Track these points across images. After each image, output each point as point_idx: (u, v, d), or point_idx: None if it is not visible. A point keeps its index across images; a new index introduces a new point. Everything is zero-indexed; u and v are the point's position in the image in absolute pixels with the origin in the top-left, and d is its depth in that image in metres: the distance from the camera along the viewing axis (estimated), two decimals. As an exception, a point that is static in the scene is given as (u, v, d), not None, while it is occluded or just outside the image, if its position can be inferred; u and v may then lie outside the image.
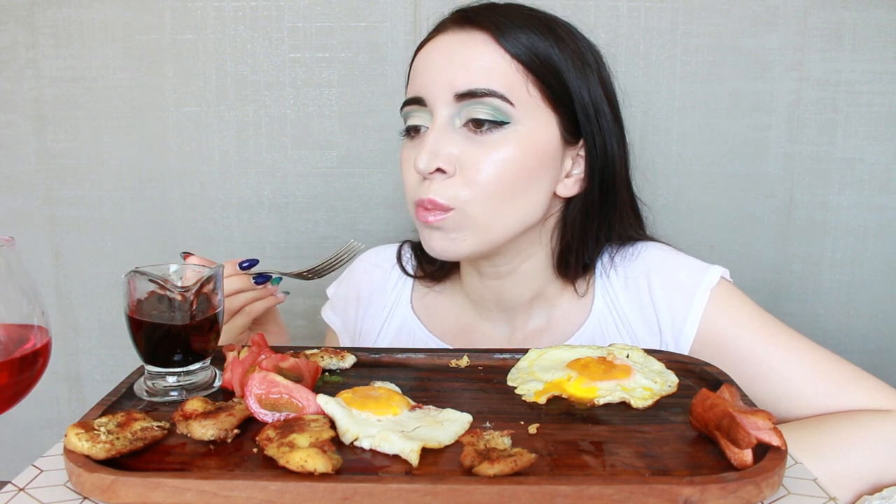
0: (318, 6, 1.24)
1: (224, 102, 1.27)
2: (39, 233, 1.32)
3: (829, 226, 1.29)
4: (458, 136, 0.79)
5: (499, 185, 0.79)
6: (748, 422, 0.52)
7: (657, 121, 1.26)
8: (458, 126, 0.80)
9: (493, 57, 0.79)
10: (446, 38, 0.82)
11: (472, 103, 0.78)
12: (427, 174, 0.79)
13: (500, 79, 0.79)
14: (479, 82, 0.78)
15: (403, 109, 0.85)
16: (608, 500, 0.48)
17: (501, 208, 0.80)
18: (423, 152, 0.79)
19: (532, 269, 0.88)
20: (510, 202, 0.80)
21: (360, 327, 0.99)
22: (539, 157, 0.80)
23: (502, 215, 0.80)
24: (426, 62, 0.83)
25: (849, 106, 1.24)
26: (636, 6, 1.22)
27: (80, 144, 1.29)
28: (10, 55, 1.26)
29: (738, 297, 0.86)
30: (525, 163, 0.80)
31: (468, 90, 0.78)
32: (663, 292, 0.86)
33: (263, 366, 0.62)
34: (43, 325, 0.60)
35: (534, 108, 0.80)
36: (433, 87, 0.80)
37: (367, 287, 1.00)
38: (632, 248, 0.90)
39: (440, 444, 0.55)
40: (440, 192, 0.79)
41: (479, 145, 0.79)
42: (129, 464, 0.53)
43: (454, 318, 0.95)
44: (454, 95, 0.79)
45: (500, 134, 0.79)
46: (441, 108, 0.80)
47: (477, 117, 0.78)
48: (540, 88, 0.80)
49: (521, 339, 0.91)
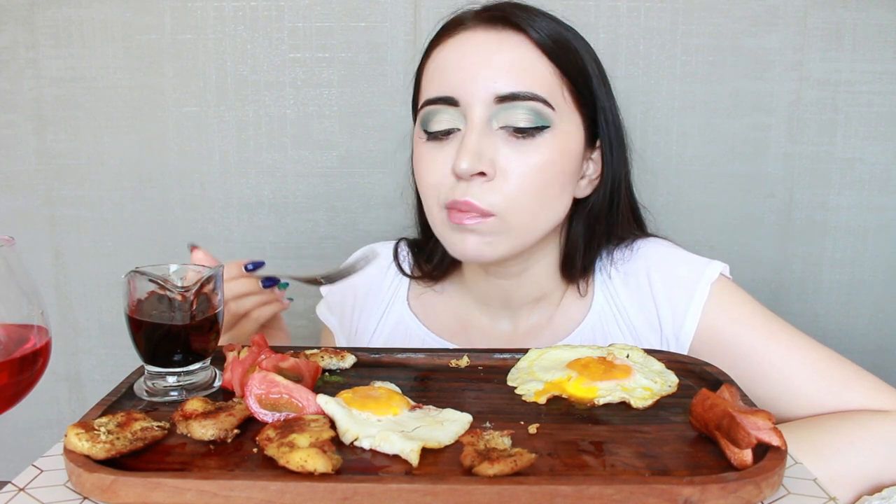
0: (318, 6, 1.24)
1: (224, 102, 1.27)
2: (39, 233, 1.32)
3: (829, 226, 1.29)
4: (496, 138, 0.78)
5: (537, 190, 0.79)
6: (748, 422, 0.52)
7: (657, 121, 1.26)
8: (495, 128, 0.78)
9: (531, 58, 0.79)
10: (476, 36, 0.80)
11: (512, 106, 0.77)
12: (467, 176, 0.77)
13: (540, 82, 0.78)
14: (522, 85, 0.77)
15: (426, 108, 0.82)
16: (608, 500, 0.48)
17: (538, 212, 0.80)
18: (466, 154, 0.76)
19: (540, 270, 0.89)
20: (546, 206, 0.80)
21: (356, 325, 0.98)
22: (570, 160, 0.81)
23: (538, 219, 0.81)
24: (457, 61, 0.80)
25: (849, 106, 1.24)
26: (636, 6, 1.22)
27: (80, 144, 1.29)
28: (10, 55, 1.26)
29: (739, 293, 0.86)
30: (562, 167, 0.80)
31: (511, 93, 0.77)
32: (664, 288, 0.87)
33: (263, 366, 0.62)
34: (43, 325, 0.60)
35: (567, 111, 0.80)
36: (469, 87, 0.78)
37: (364, 285, 0.99)
38: (632, 245, 0.90)
39: (440, 444, 0.55)
40: (479, 195, 0.77)
41: (518, 149, 0.78)
42: (129, 464, 0.53)
43: (453, 316, 0.95)
44: (495, 97, 0.77)
45: (540, 138, 0.78)
46: (478, 109, 0.78)
47: (518, 124, 0.77)
48: (571, 92, 0.81)
49: (521, 336, 0.91)
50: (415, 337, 0.94)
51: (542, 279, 0.89)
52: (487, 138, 0.78)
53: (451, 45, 0.81)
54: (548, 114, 0.78)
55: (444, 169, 0.80)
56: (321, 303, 1.03)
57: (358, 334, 0.98)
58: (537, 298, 0.90)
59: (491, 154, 0.78)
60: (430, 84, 0.83)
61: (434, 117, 0.81)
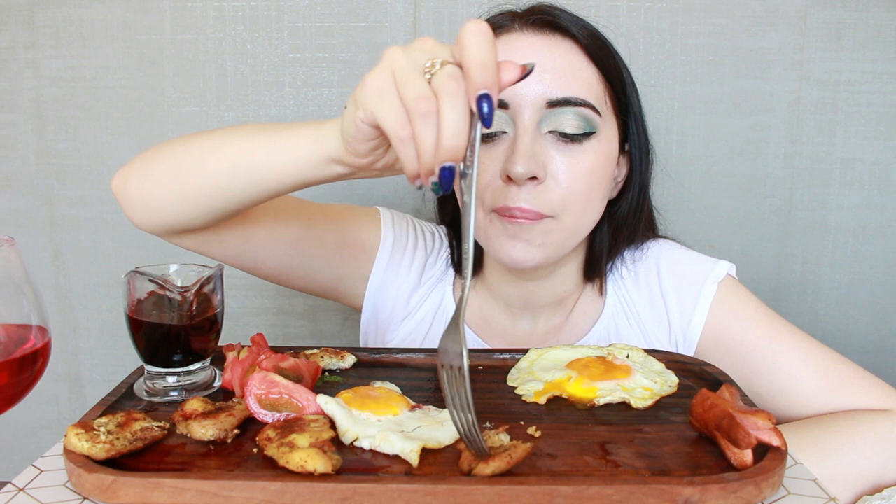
0: (318, 6, 1.24)
1: (224, 102, 1.27)
2: (39, 233, 1.32)
3: (829, 226, 1.29)
4: (546, 142, 0.78)
5: (585, 194, 0.79)
6: (748, 422, 0.52)
7: (657, 121, 1.25)
8: (544, 132, 0.78)
9: (581, 65, 0.80)
10: (525, 39, 0.80)
11: (563, 111, 0.78)
12: (522, 179, 0.76)
13: (588, 88, 0.79)
14: (573, 91, 0.78)
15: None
16: (608, 500, 0.48)
17: (585, 215, 0.81)
18: (521, 157, 0.76)
19: (566, 273, 0.90)
20: (591, 209, 0.82)
21: (400, 277, 0.93)
22: (611, 164, 0.82)
23: (584, 222, 0.82)
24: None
25: (849, 106, 1.24)
26: (636, 6, 1.22)
27: (80, 144, 1.29)
28: (10, 55, 1.26)
29: (745, 293, 0.88)
30: (605, 171, 0.81)
31: (563, 98, 0.77)
32: (673, 286, 0.88)
33: (263, 366, 0.62)
34: (43, 325, 0.60)
35: (609, 117, 0.82)
36: (520, 91, 0.77)
37: (429, 247, 0.96)
38: (642, 245, 0.92)
39: (440, 444, 0.55)
40: (531, 199, 0.77)
41: (568, 154, 0.78)
42: (129, 464, 0.53)
43: (479, 309, 0.95)
44: (546, 102, 0.77)
45: (587, 143, 0.79)
46: (529, 113, 0.78)
47: (566, 130, 0.78)
48: (612, 98, 0.82)
49: (540, 336, 0.92)
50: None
51: (566, 281, 0.90)
52: (539, 142, 0.78)
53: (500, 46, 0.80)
54: (595, 119, 0.79)
55: (492, 171, 0.79)
56: (387, 213, 0.95)
57: (396, 291, 0.93)
58: (559, 300, 0.91)
59: (543, 158, 0.78)
60: None
61: None
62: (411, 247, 0.95)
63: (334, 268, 0.91)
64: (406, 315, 0.95)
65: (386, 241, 0.93)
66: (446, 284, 0.95)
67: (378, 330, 0.96)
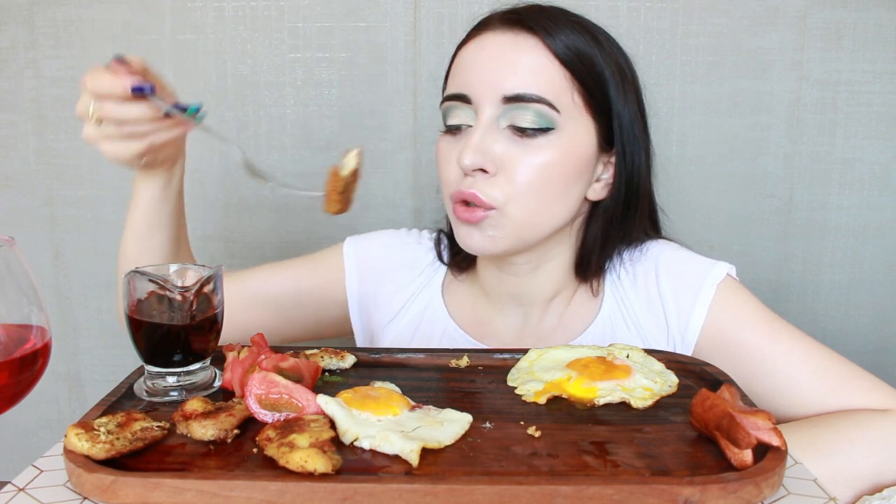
0: (318, 6, 1.24)
1: (224, 102, 1.27)
2: (39, 233, 1.32)
3: (829, 226, 1.29)
4: (501, 136, 0.80)
5: (538, 189, 0.80)
6: (748, 422, 0.52)
7: (657, 121, 1.25)
8: (502, 127, 0.80)
9: (542, 62, 0.80)
10: (494, 38, 0.82)
11: (519, 107, 0.79)
12: (470, 171, 0.80)
13: (547, 85, 0.80)
14: (527, 87, 0.79)
15: (444, 104, 0.85)
16: (608, 500, 0.48)
17: (539, 210, 0.82)
18: (469, 149, 0.79)
19: (553, 270, 0.90)
20: (548, 205, 0.82)
21: (377, 289, 0.98)
22: (578, 162, 0.82)
23: (539, 217, 0.82)
24: (473, 60, 0.83)
25: (849, 106, 1.24)
26: (636, 6, 1.22)
27: (80, 144, 1.28)
28: (10, 55, 1.26)
29: (744, 293, 0.87)
30: (565, 168, 0.81)
31: (516, 94, 0.79)
32: (671, 287, 0.88)
33: (263, 366, 0.62)
34: (43, 325, 0.60)
35: (577, 114, 0.82)
36: (480, 86, 0.81)
37: (399, 256, 0.99)
38: (641, 246, 0.92)
39: (440, 444, 0.55)
40: (483, 189, 0.80)
41: (522, 148, 0.80)
42: (129, 464, 0.53)
43: (471, 308, 0.95)
44: (502, 97, 0.79)
45: (544, 139, 0.80)
46: (487, 108, 0.80)
47: (521, 125, 0.79)
48: (583, 96, 0.82)
49: (532, 334, 0.92)
50: (438, 323, 0.94)
51: (555, 278, 0.90)
52: (492, 136, 0.80)
53: (473, 44, 0.84)
54: (552, 116, 0.80)
55: (455, 163, 0.82)
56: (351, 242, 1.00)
57: (378, 305, 0.98)
58: (549, 297, 0.91)
59: (494, 151, 0.80)
60: (451, 81, 0.86)
61: (450, 113, 0.84)
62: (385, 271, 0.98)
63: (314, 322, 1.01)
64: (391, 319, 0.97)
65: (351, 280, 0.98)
66: (434, 287, 0.96)
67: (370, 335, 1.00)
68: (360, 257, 0.99)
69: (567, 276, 0.91)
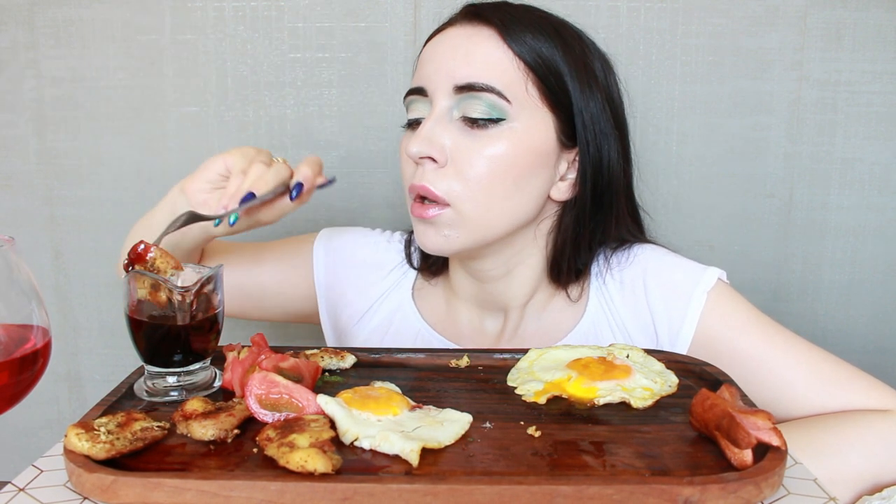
0: (318, 6, 1.24)
1: (224, 102, 1.27)
2: (39, 233, 1.32)
3: (829, 226, 1.29)
4: (453, 127, 0.80)
5: (490, 181, 0.79)
6: (748, 422, 0.52)
7: (657, 121, 1.26)
8: (455, 118, 0.81)
9: (495, 52, 0.80)
10: (453, 31, 0.83)
11: (470, 97, 0.79)
12: (417, 159, 0.80)
13: (499, 75, 0.79)
14: (478, 76, 0.79)
15: (406, 99, 0.86)
16: (608, 500, 0.48)
17: (493, 205, 0.80)
18: (416, 138, 0.80)
19: (524, 274, 0.88)
20: (502, 199, 0.81)
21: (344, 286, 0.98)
22: (533, 155, 0.81)
23: (494, 212, 0.81)
24: (432, 53, 0.84)
25: (849, 106, 1.24)
26: (636, 6, 1.22)
27: (80, 144, 1.29)
28: (10, 55, 1.26)
29: (736, 299, 0.86)
30: (518, 160, 0.80)
31: (467, 83, 0.79)
32: (660, 295, 0.86)
33: (263, 366, 0.62)
34: (43, 325, 0.60)
35: (531, 107, 0.80)
36: (434, 78, 0.81)
37: (366, 255, 0.99)
38: (628, 251, 0.90)
39: (440, 444, 0.55)
40: (434, 182, 0.80)
41: (472, 139, 0.79)
42: (129, 464, 0.53)
43: (445, 311, 0.95)
44: (453, 87, 0.80)
45: (495, 130, 0.79)
46: (440, 99, 0.81)
47: (472, 115, 0.79)
48: (539, 88, 0.81)
49: (509, 338, 0.91)
50: (410, 327, 0.94)
51: (527, 283, 0.89)
52: (443, 126, 0.80)
53: (435, 39, 0.85)
54: (503, 106, 0.79)
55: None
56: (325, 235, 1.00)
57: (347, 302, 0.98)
58: (523, 302, 0.90)
59: (443, 141, 0.80)
60: (414, 76, 0.87)
61: (410, 107, 0.85)
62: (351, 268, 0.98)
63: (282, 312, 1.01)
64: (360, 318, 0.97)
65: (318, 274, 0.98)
66: (404, 290, 0.96)
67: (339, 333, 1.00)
68: (330, 252, 0.99)
69: (540, 280, 0.89)
